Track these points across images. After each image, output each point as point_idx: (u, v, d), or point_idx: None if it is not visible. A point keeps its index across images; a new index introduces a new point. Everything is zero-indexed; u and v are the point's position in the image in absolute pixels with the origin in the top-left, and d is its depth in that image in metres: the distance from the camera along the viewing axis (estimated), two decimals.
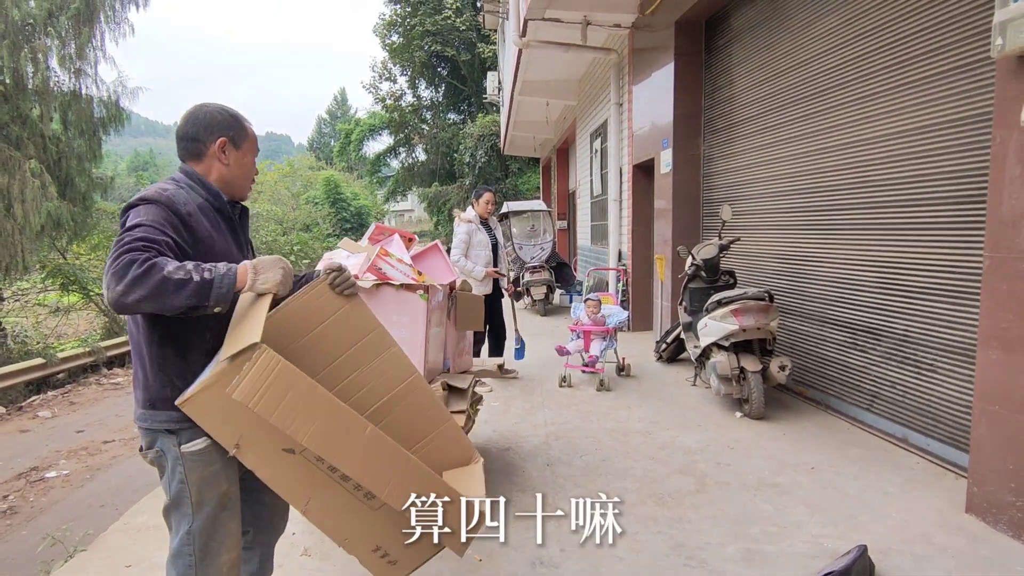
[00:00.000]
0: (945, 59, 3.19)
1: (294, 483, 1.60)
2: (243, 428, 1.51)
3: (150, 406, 1.63)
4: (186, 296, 1.42)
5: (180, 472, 1.63)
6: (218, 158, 1.72)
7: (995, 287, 2.55)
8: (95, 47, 10.12)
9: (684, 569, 2.42)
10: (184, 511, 1.64)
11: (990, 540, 2.54)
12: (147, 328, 1.61)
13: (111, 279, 1.38)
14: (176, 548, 1.66)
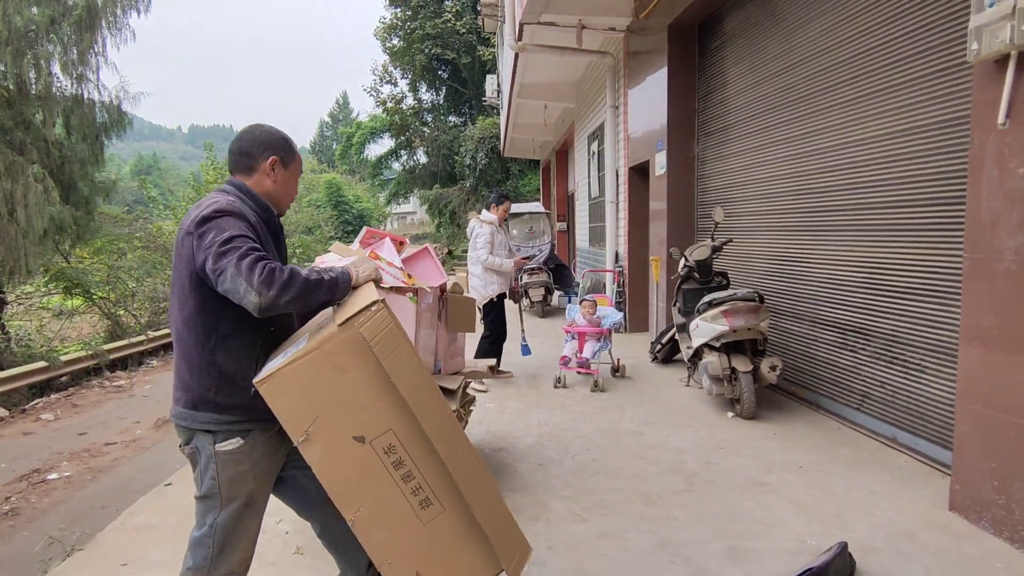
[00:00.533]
0: (929, 63, 3.23)
1: (352, 482, 1.60)
2: (320, 409, 1.56)
3: (192, 407, 1.72)
4: (323, 294, 1.65)
5: (212, 469, 1.73)
6: (268, 174, 1.86)
7: (975, 287, 2.59)
8: (97, 53, 10.22)
9: (668, 566, 2.46)
10: (212, 504, 1.75)
11: (972, 538, 2.57)
12: (203, 334, 1.70)
13: (261, 286, 1.53)
14: (198, 538, 1.77)
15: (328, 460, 1.58)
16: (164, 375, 8.43)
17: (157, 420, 6.04)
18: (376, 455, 1.59)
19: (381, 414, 1.58)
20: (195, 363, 1.71)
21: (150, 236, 12.69)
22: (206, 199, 1.75)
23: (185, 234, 1.67)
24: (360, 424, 1.57)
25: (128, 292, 10.70)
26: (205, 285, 1.66)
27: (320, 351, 1.53)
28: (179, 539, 2.78)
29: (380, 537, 1.63)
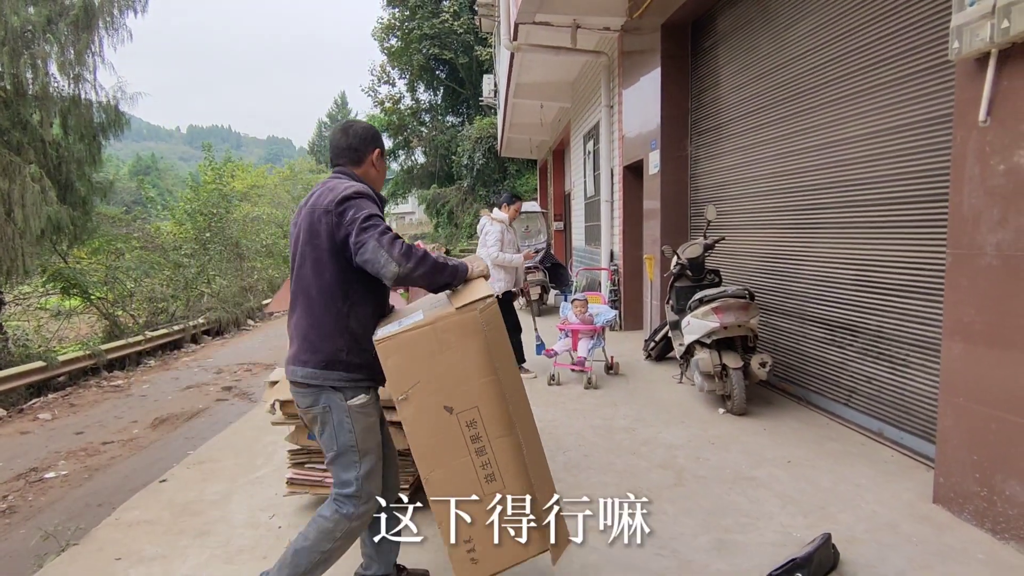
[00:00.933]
0: (914, 61, 3.27)
1: (434, 445, 1.82)
2: (421, 375, 1.80)
3: (324, 366, 1.93)
4: (446, 276, 1.91)
5: (348, 423, 1.96)
6: (373, 164, 2.16)
7: (957, 282, 2.63)
8: (94, 53, 10.24)
9: (655, 559, 2.49)
10: (351, 459, 1.97)
11: (954, 529, 2.61)
12: (339, 301, 1.94)
13: (401, 258, 1.81)
14: (344, 494, 1.98)
15: (418, 421, 1.82)
16: (162, 375, 8.46)
17: (154, 419, 6.07)
18: (459, 426, 1.82)
19: (471, 391, 1.82)
20: (329, 327, 1.93)
21: (148, 236, 12.72)
22: (336, 183, 1.99)
23: (323, 212, 1.91)
24: (452, 396, 1.81)
25: (126, 292, 10.72)
26: (342, 257, 1.91)
27: (434, 326, 1.79)
28: (173, 534, 2.83)
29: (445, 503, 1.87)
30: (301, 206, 2.05)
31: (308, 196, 2.06)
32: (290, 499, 3.10)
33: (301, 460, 2.97)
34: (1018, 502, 2.41)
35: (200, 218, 13.74)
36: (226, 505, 3.13)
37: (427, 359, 1.79)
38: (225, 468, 3.68)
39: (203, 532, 2.84)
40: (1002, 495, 2.47)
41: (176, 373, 8.51)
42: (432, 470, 1.83)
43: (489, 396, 1.82)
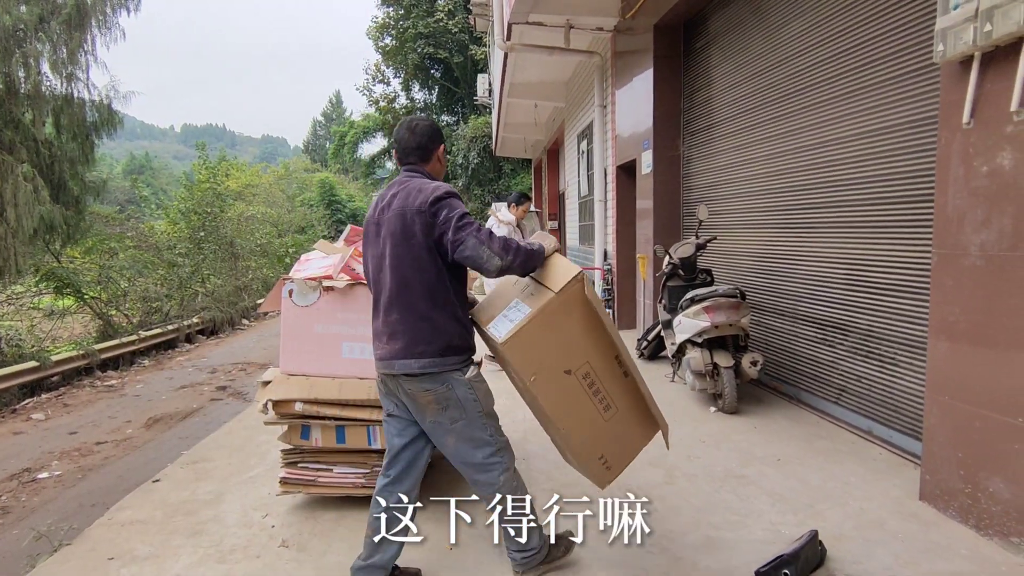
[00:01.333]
0: (902, 63, 3.31)
1: (562, 403, 2.18)
2: (544, 356, 2.10)
3: (441, 354, 2.11)
4: (535, 261, 2.12)
5: (471, 392, 2.17)
6: (439, 160, 2.30)
7: (942, 282, 2.66)
8: (86, 52, 10.21)
9: (646, 556, 2.52)
10: (481, 421, 2.19)
11: (940, 525, 2.65)
12: (444, 294, 2.12)
13: (502, 252, 2.02)
14: (488, 453, 2.21)
15: (547, 391, 2.13)
16: (156, 375, 8.45)
17: (148, 419, 6.06)
18: (577, 381, 2.18)
19: (581, 351, 2.17)
20: (440, 320, 2.10)
21: (142, 236, 12.67)
22: (421, 184, 2.13)
23: (416, 213, 2.05)
24: (568, 361, 2.14)
25: (120, 292, 10.68)
26: (437, 254, 2.07)
27: (544, 313, 2.04)
28: (166, 533, 2.84)
29: (580, 438, 2.28)
30: (380, 207, 2.18)
31: (384, 196, 2.19)
32: (283, 498, 3.12)
33: (294, 459, 2.99)
34: (1001, 499, 2.44)
35: (194, 217, 13.70)
36: (219, 504, 3.14)
37: (545, 342, 2.09)
38: (218, 468, 3.69)
39: (196, 531, 2.85)
40: (986, 492, 2.51)
41: (170, 373, 8.49)
42: (567, 424, 2.22)
43: (595, 349, 2.19)
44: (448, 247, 2.04)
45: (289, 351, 2.96)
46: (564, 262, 2.15)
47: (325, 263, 3.02)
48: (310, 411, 2.83)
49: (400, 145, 2.26)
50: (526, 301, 2.10)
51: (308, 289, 2.90)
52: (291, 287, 2.93)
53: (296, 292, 2.92)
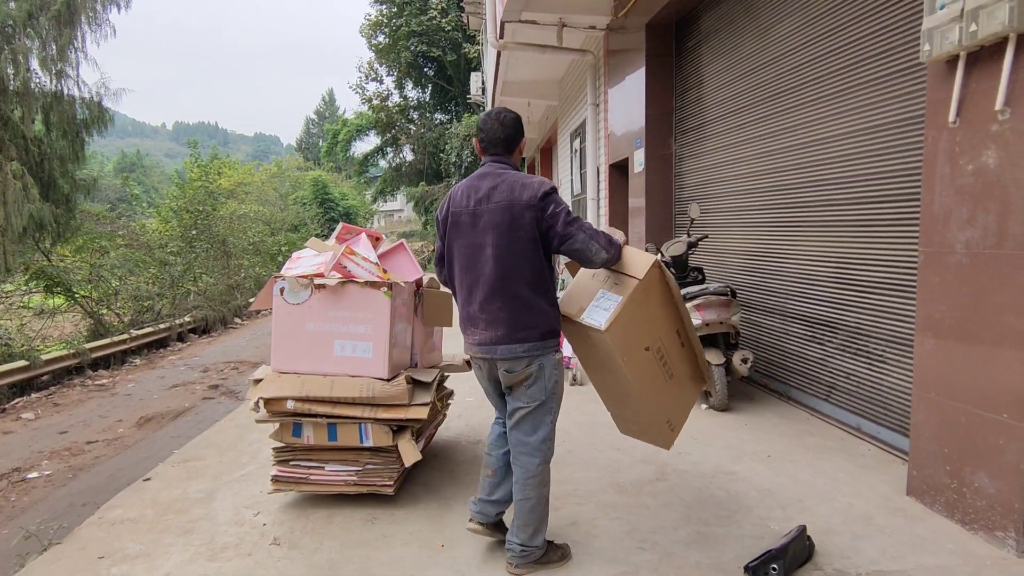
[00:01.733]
0: (890, 62, 3.33)
1: (645, 379, 2.43)
2: (632, 335, 2.33)
3: (541, 338, 2.27)
4: (620, 253, 2.32)
5: (555, 376, 2.34)
6: (520, 151, 2.44)
7: (928, 280, 2.69)
8: (76, 48, 10.15)
9: (636, 551, 2.53)
10: (551, 405, 2.35)
11: (926, 520, 2.68)
12: (544, 284, 2.28)
13: (608, 245, 2.24)
14: (541, 438, 2.34)
15: (633, 368, 2.36)
16: (147, 374, 8.41)
17: (140, 418, 6.03)
18: (653, 355, 2.45)
19: (656, 328, 2.45)
20: (539, 307, 2.26)
21: (133, 234, 12.60)
22: (524, 178, 2.25)
23: (526, 207, 2.18)
24: (647, 338, 2.41)
25: (111, 291, 10.62)
26: (540, 246, 2.23)
27: (632, 298, 2.28)
28: (157, 532, 2.83)
29: (652, 408, 2.55)
30: (476, 198, 2.26)
31: (479, 188, 2.28)
32: (275, 496, 3.12)
33: (286, 457, 2.98)
34: (986, 494, 2.48)
35: (186, 215, 13.63)
36: (210, 503, 3.14)
37: (634, 324, 2.32)
38: (210, 466, 3.68)
39: (187, 530, 2.85)
40: (971, 487, 2.54)
41: (162, 372, 8.46)
42: (645, 396, 2.47)
43: (665, 325, 2.49)
44: (556, 240, 2.20)
45: (280, 349, 2.95)
46: (638, 252, 2.39)
47: (316, 261, 3.02)
48: (302, 409, 2.83)
49: (488, 136, 2.35)
50: (612, 290, 2.32)
51: (299, 287, 2.90)
52: (282, 285, 2.92)
53: (287, 290, 2.92)
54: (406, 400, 2.85)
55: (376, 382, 2.85)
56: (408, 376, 2.93)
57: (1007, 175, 2.32)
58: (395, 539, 2.68)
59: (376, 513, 2.91)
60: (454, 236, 2.33)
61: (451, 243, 2.35)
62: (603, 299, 2.32)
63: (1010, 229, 2.32)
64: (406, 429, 2.92)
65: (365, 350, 2.88)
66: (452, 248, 2.36)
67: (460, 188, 2.35)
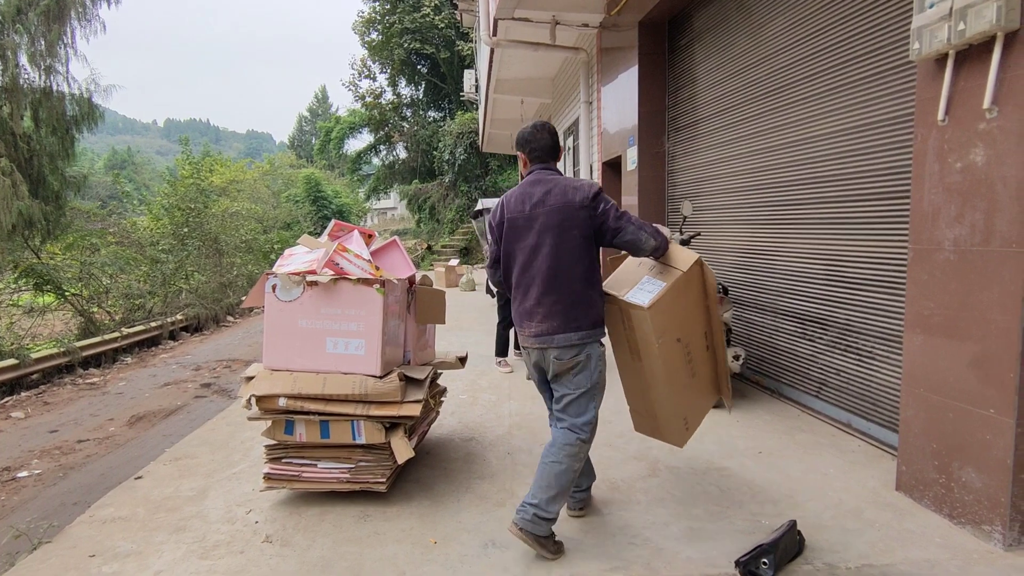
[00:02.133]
0: (881, 61, 3.35)
1: (672, 368, 2.61)
2: (669, 321, 2.52)
3: (592, 327, 2.47)
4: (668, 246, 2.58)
5: (601, 365, 2.53)
6: (560, 159, 2.66)
7: (917, 276, 2.72)
8: (66, 44, 10.06)
9: (628, 547, 2.55)
10: (595, 392, 2.52)
11: (915, 515, 2.71)
12: (594, 277, 2.48)
13: (658, 235, 2.48)
14: (585, 421, 2.50)
15: (664, 354, 2.54)
16: (139, 372, 8.36)
17: (131, 417, 6.00)
18: (682, 348, 2.63)
19: (689, 323, 2.64)
20: (590, 299, 2.47)
21: (124, 231, 12.50)
22: (575, 182, 2.48)
23: (579, 208, 2.41)
24: (680, 330, 2.59)
25: (101, 288, 10.54)
26: (593, 242, 2.45)
27: (675, 286, 2.50)
28: (148, 530, 2.82)
29: (673, 401, 2.71)
30: (531, 203, 2.47)
31: (532, 194, 2.48)
32: (267, 494, 3.11)
33: (278, 455, 2.98)
34: (973, 488, 2.50)
35: (178, 213, 13.53)
36: (202, 501, 3.13)
37: (672, 311, 2.51)
38: (202, 464, 3.66)
39: (179, 528, 2.84)
40: (959, 482, 2.57)
41: (153, 370, 8.41)
42: (668, 386, 2.63)
43: (696, 322, 2.68)
44: (608, 234, 2.43)
45: (272, 346, 2.95)
46: (683, 249, 2.61)
47: (308, 258, 3.02)
48: (294, 406, 2.82)
49: (539, 146, 2.57)
50: (656, 277, 2.54)
51: (291, 284, 2.89)
52: (274, 282, 2.91)
53: (279, 287, 2.91)
54: (399, 397, 2.85)
55: (369, 379, 2.84)
56: (401, 373, 2.93)
57: (994, 173, 2.34)
58: (387, 536, 2.68)
59: (369, 510, 2.91)
60: (511, 239, 2.53)
61: (508, 246, 2.55)
62: (647, 283, 2.57)
63: (997, 226, 2.34)
64: (399, 426, 2.92)
65: (358, 347, 2.88)
66: (510, 250, 2.55)
67: (513, 195, 2.56)
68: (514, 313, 2.61)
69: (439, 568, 2.43)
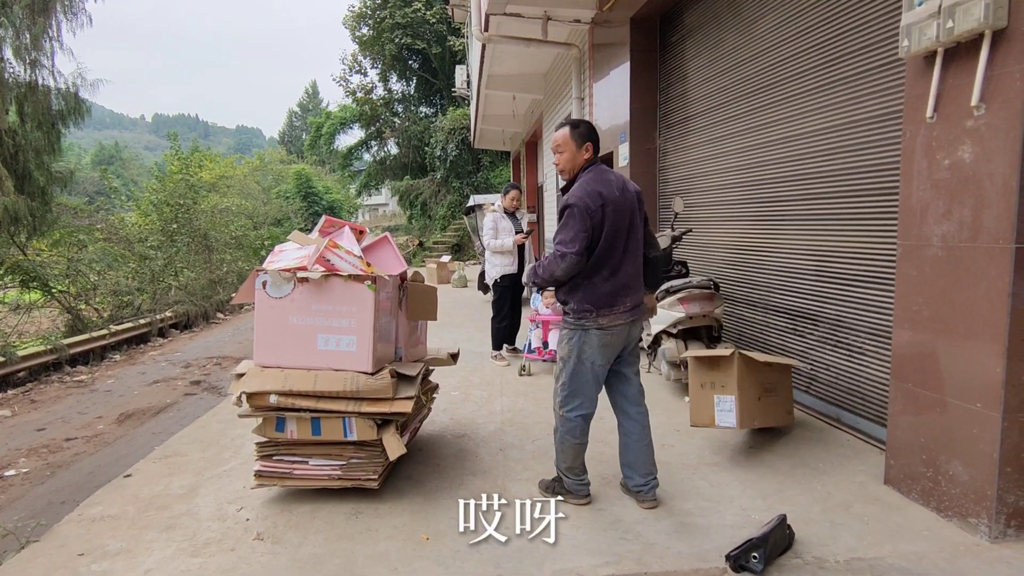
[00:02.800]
0: (870, 58, 3.37)
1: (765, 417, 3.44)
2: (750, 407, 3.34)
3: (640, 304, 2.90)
4: None
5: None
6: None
7: (906, 272, 2.74)
8: (51, 37, 9.94)
9: (620, 542, 2.56)
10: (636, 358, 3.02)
11: (903, 508, 2.74)
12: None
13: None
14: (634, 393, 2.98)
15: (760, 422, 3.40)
16: (127, 370, 8.29)
17: (120, 415, 5.95)
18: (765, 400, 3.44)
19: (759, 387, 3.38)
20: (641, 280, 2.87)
21: (112, 228, 12.38)
22: (621, 176, 2.80)
23: (639, 200, 2.82)
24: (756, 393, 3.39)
25: (89, 285, 10.43)
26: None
27: (739, 391, 3.25)
28: (138, 528, 2.80)
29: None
30: (618, 189, 2.70)
31: (612, 181, 2.72)
32: (258, 491, 3.09)
33: (269, 452, 2.96)
34: (960, 482, 2.53)
35: (166, 209, 13.42)
36: (193, 499, 3.11)
37: (747, 402, 3.29)
38: (192, 462, 3.64)
39: (169, 526, 2.82)
40: (946, 475, 2.60)
41: (142, 368, 8.34)
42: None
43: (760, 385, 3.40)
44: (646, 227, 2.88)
45: (263, 343, 2.93)
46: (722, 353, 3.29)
47: (299, 254, 3.00)
48: (285, 403, 2.81)
49: (598, 142, 2.85)
50: (722, 393, 3.27)
51: (282, 280, 2.88)
52: (264, 278, 2.89)
53: (270, 283, 2.89)
54: (390, 394, 2.84)
55: (360, 376, 2.83)
56: (393, 370, 2.92)
57: (982, 170, 2.36)
58: (379, 533, 2.68)
59: (360, 507, 2.91)
60: (612, 221, 2.68)
61: (609, 227, 2.68)
62: (721, 404, 3.12)
63: (984, 223, 2.37)
64: (391, 423, 2.92)
65: (349, 344, 2.87)
66: (610, 231, 2.69)
67: (601, 182, 2.70)
68: (598, 292, 2.72)
69: (431, 564, 2.43)
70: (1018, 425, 2.36)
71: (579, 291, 2.73)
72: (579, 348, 2.76)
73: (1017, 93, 2.22)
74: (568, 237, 2.64)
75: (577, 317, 2.75)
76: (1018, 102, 2.22)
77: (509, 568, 2.38)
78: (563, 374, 2.82)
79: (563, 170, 2.86)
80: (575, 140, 2.78)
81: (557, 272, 2.69)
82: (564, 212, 2.70)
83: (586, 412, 2.86)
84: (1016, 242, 2.26)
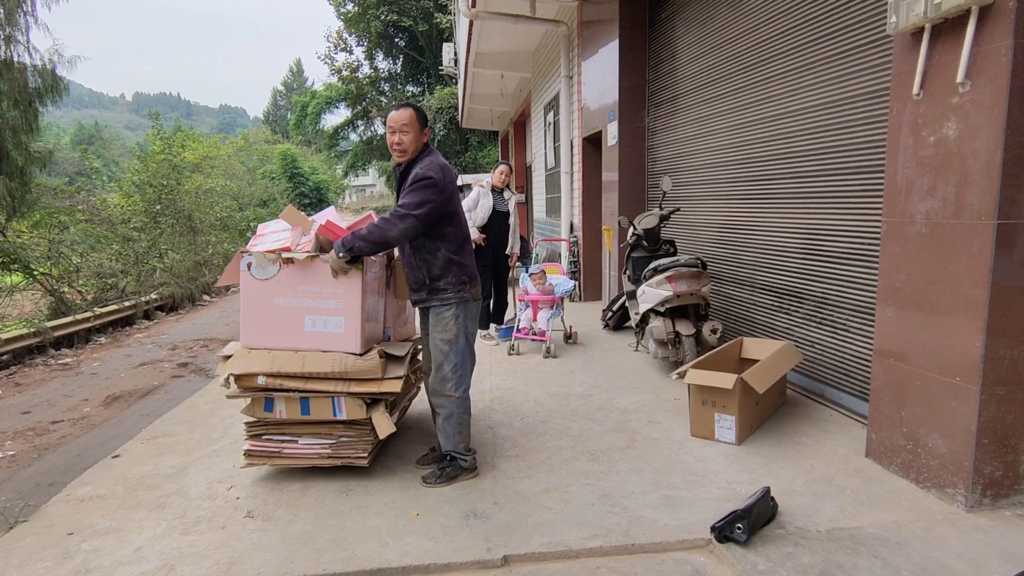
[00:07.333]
0: (858, 34, 3.37)
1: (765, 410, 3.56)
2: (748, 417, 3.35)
3: None
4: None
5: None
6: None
7: (890, 249, 2.77)
8: (26, 12, 9.66)
9: (607, 515, 2.60)
10: None
11: (883, 480, 2.80)
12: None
13: None
14: None
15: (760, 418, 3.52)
16: (113, 352, 8.22)
17: (107, 397, 5.91)
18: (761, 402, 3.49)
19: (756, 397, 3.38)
20: None
21: (94, 209, 12.17)
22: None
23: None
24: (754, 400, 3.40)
25: (72, 268, 10.28)
26: None
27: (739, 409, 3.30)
28: (127, 508, 2.81)
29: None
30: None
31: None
32: (248, 470, 3.10)
33: (258, 432, 2.96)
34: (938, 453, 2.59)
35: (149, 190, 13.19)
36: (182, 478, 3.11)
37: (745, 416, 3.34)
38: (181, 442, 3.64)
39: (159, 505, 2.82)
40: (925, 447, 2.66)
41: (128, 350, 8.27)
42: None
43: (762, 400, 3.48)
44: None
45: (250, 325, 2.91)
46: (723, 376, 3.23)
47: (282, 236, 2.97)
48: (273, 384, 2.80)
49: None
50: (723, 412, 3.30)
51: (267, 262, 2.85)
52: (249, 260, 2.86)
53: (255, 265, 2.86)
54: (379, 374, 2.84)
55: (348, 356, 2.83)
56: (381, 350, 2.92)
57: (966, 147, 2.38)
58: (370, 509, 2.70)
59: (351, 485, 2.92)
60: (455, 200, 2.92)
61: (457, 204, 2.92)
62: (722, 421, 3.23)
63: (967, 200, 2.39)
64: (380, 402, 2.92)
65: (337, 325, 2.86)
66: (459, 208, 2.93)
67: (445, 164, 2.86)
68: (467, 265, 2.92)
69: (421, 539, 2.45)
70: (996, 398, 2.41)
71: (453, 266, 2.85)
72: (464, 323, 2.89)
73: (1002, 69, 2.23)
74: (415, 201, 2.69)
75: (457, 291, 2.86)
76: (1003, 78, 2.23)
77: (498, 542, 2.41)
78: (452, 355, 2.88)
79: (405, 150, 2.85)
80: (419, 122, 2.87)
81: (392, 232, 2.69)
82: (419, 182, 2.71)
83: (469, 384, 2.99)
84: (998, 218, 2.29)
